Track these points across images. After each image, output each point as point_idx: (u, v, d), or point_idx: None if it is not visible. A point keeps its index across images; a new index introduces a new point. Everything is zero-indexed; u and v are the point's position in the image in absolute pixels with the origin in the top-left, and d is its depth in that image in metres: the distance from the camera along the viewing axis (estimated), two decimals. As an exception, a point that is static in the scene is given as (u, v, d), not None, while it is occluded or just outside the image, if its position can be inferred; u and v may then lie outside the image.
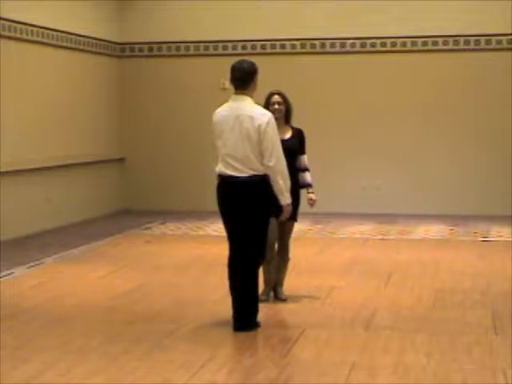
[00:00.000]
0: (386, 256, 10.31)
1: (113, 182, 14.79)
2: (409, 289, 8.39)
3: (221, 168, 6.78)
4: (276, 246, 7.75)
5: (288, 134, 7.67)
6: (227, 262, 6.89)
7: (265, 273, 7.65)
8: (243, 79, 6.76)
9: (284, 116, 7.67)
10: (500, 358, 6.03)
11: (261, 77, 6.96)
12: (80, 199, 13.50)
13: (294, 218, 7.52)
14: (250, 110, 6.69)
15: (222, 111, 6.85)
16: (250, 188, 6.66)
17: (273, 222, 7.23)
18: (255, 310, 6.83)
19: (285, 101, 7.66)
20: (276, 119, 7.28)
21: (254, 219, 6.69)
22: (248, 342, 6.51)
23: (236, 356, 6.30)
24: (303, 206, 7.69)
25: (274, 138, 6.70)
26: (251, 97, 6.79)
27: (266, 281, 7.72)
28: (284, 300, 7.76)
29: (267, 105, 7.54)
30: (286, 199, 6.79)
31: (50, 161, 12.57)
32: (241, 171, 6.67)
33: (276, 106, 7.58)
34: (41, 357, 6.09)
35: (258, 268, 6.88)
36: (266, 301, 7.61)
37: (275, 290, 7.81)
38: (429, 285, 8.57)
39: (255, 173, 6.67)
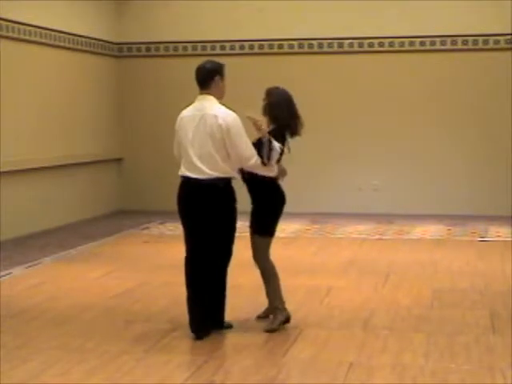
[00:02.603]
0: (383, 256, 10.32)
1: (111, 181, 14.79)
2: (407, 289, 8.39)
3: (183, 170, 6.64)
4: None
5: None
6: (184, 261, 6.69)
7: (268, 294, 6.96)
8: (204, 79, 6.74)
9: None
10: (498, 357, 6.04)
11: (258, 77, 6.98)
12: (78, 199, 13.51)
13: (257, 231, 6.84)
14: (213, 109, 6.60)
15: (187, 112, 6.79)
16: (212, 192, 6.50)
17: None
18: (223, 309, 6.77)
19: (267, 96, 6.94)
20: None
21: (218, 222, 6.54)
22: (246, 342, 6.51)
23: (234, 356, 6.29)
24: (303, 206, 7.65)
25: (244, 137, 6.52)
26: (217, 98, 6.69)
27: (270, 303, 6.96)
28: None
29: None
30: (273, 172, 6.64)
31: (48, 161, 12.56)
32: (204, 173, 6.49)
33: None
34: (40, 357, 6.10)
35: (227, 267, 6.74)
36: (278, 328, 6.84)
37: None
38: (427, 285, 8.57)
39: (219, 175, 6.50)
